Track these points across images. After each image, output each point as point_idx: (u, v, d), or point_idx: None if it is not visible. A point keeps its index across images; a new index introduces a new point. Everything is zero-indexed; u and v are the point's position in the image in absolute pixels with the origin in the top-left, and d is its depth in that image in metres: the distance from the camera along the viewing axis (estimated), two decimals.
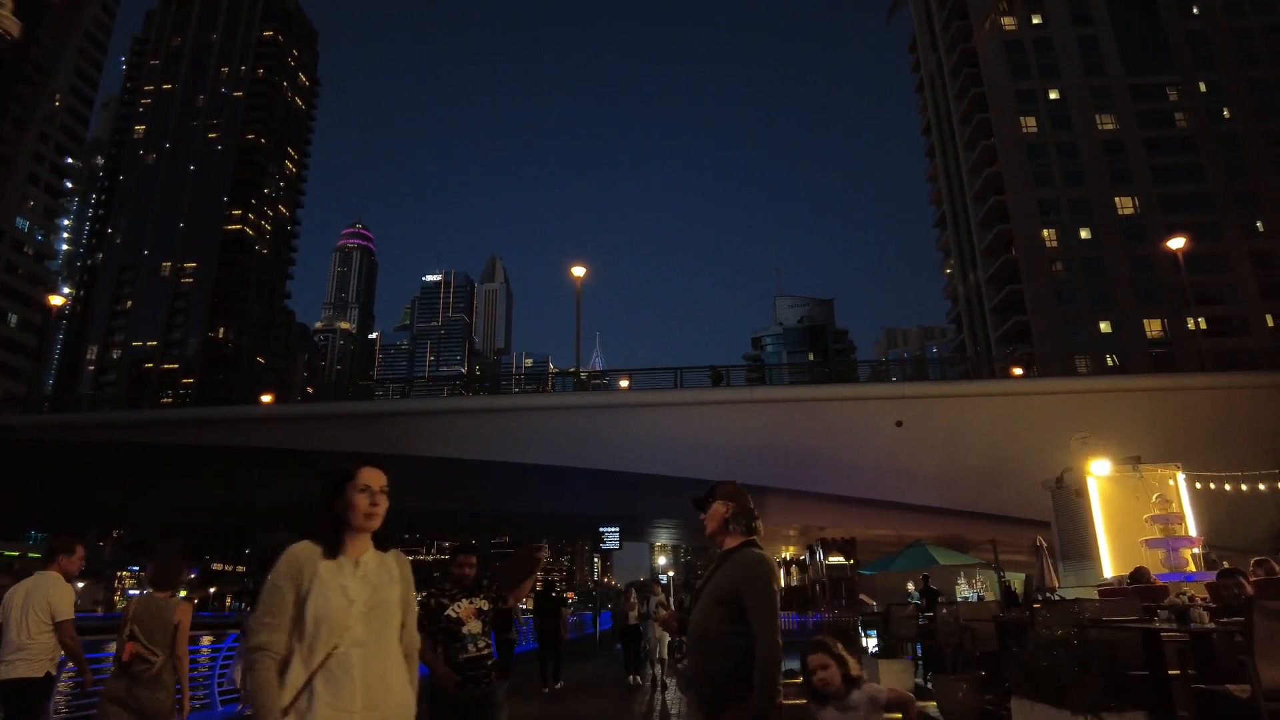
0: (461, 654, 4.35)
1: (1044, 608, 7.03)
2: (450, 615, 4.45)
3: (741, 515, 3.15)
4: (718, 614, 2.95)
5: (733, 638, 2.88)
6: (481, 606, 4.54)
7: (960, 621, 7.55)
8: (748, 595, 2.91)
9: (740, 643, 2.86)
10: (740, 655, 2.84)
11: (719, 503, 3.19)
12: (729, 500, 3.18)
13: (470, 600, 4.54)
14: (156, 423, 36.97)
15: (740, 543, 3.11)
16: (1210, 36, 66.86)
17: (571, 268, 33.23)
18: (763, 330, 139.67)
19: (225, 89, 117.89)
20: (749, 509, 3.18)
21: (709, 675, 2.94)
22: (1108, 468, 14.68)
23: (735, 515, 3.15)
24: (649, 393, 31.14)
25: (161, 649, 4.58)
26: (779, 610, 2.95)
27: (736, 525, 3.13)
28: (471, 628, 4.46)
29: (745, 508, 3.18)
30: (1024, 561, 23.22)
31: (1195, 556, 13.36)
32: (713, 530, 3.20)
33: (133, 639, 4.55)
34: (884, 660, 9.22)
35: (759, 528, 3.19)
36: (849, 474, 28.57)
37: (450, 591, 4.59)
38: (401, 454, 31.63)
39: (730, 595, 2.94)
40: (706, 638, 2.97)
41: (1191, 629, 4.90)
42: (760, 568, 2.99)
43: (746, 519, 3.14)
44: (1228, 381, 29.39)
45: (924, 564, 18.30)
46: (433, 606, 4.47)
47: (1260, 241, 60.46)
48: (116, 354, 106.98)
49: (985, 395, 29.53)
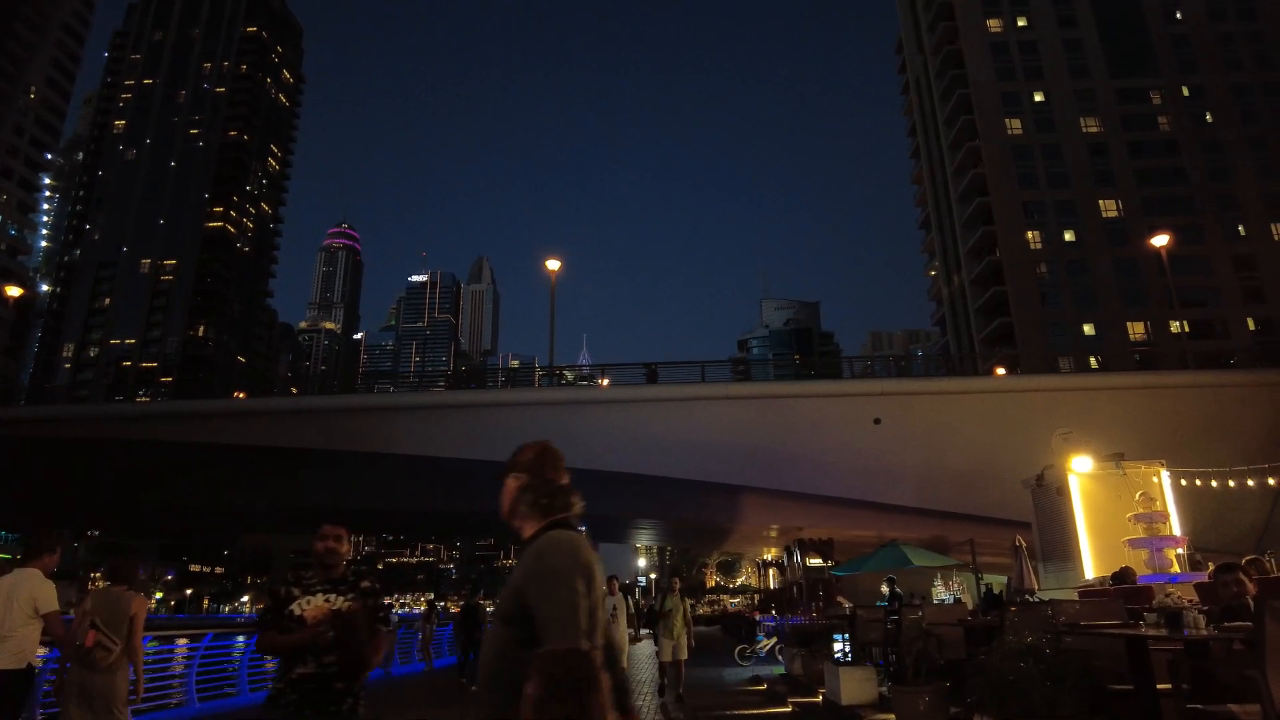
0: (298, 667, 3.29)
1: (1016, 610, 6.22)
2: (293, 613, 3.37)
3: (539, 489, 2.28)
4: (502, 639, 2.08)
5: (524, 663, 1.94)
6: (341, 608, 3.40)
7: (925, 626, 6.86)
8: (531, 596, 2.03)
9: None
10: None
11: (511, 476, 2.34)
12: (523, 471, 2.32)
13: (329, 597, 3.43)
14: (129, 416, 35.95)
15: (538, 528, 2.23)
16: (1193, 41, 67.14)
17: (546, 261, 32.49)
18: (748, 333, 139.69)
19: (207, 84, 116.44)
20: (549, 479, 2.30)
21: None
22: (1090, 465, 14.14)
23: (529, 489, 2.29)
24: (625, 388, 30.42)
25: (119, 638, 4.89)
26: (581, 607, 2.01)
27: (531, 503, 2.28)
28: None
29: (544, 478, 2.30)
30: (1005, 564, 22.70)
31: (1180, 557, 12.82)
32: (506, 513, 2.34)
33: (94, 628, 4.83)
34: (845, 668, 8.52)
35: (571, 503, 2.29)
36: (827, 473, 27.98)
37: (308, 580, 3.52)
38: (373, 451, 30.87)
39: (514, 609, 2.06)
40: (491, 678, 2.09)
41: (1185, 636, 4.05)
42: (549, 554, 2.10)
43: (546, 493, 2.27)
44: (1211, 380, 29.13)
45: (898, 565, 17.68)
46: (280, 597, 3.43)
47: (1242, 245, 60.69)
48: (94, 352, 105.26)
49: (966, 393, 29.04)
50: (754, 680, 14.78)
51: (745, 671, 16.75)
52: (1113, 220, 62.84)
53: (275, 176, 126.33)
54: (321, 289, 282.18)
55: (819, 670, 10.28)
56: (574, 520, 2.30)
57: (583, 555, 2.11)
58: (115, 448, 33.18)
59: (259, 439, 31.57)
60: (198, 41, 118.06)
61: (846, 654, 10.01)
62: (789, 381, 33.77)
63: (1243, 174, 62.28)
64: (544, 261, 32.88)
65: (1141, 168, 63.51)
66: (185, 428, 32.65)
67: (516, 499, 2.31)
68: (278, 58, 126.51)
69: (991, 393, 29.22)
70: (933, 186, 78.09)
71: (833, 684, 8.50)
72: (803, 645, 12.40)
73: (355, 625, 3.36)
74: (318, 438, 31.04)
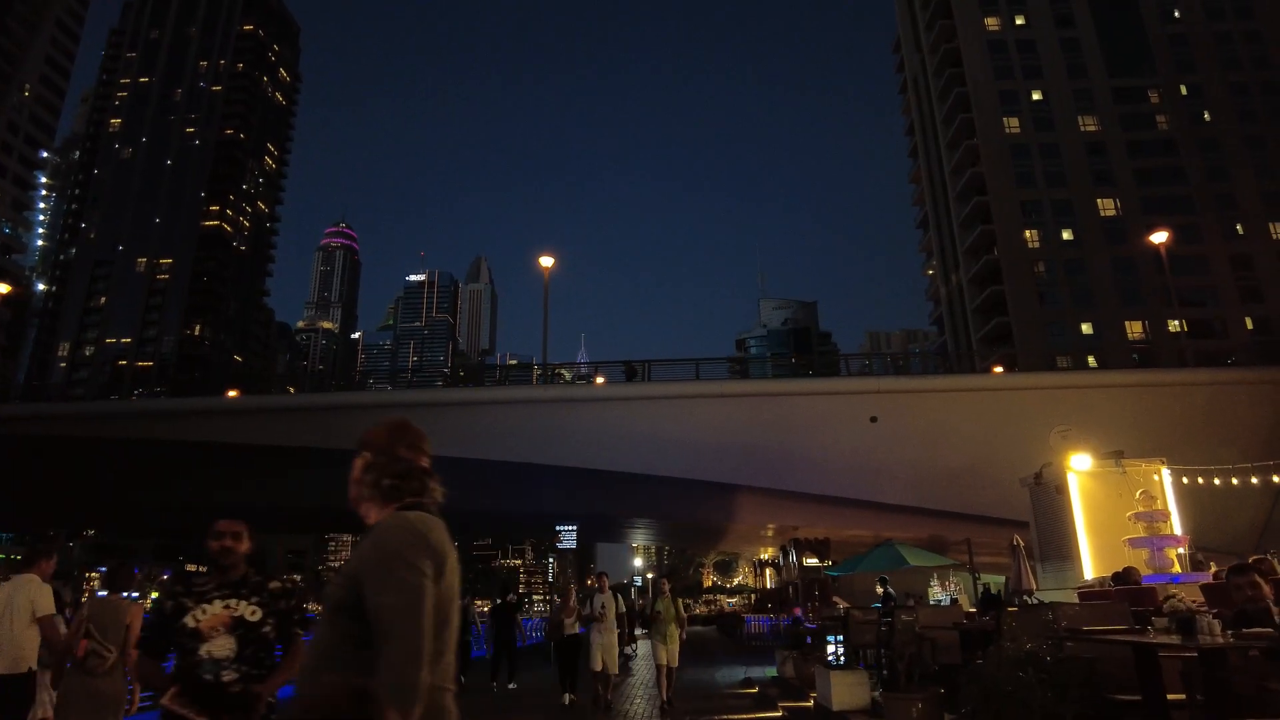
0: (200, 680, 2.89)
1: (1014, 614, 5.88)
2: (186, 627, 2.94)
3: (386, 468, 1.96)
4: (330, 635, 1.77)
5: (356, 666, 1.66)
6: (245, 615, 2.99)
7: (918, 629, 6.57)
8: (368, 581, 1.72)
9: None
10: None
11: (359, 457, 2.03)
12: (370, 449, 2.02)
13: (229, 603, 3.00)
14: (128, 414, 35.58)
15: (385, 514, 1.91)
16: (1191, 40, 67.01)
17: (541, 258, 32.19)
18: (746, 332, 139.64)
19: (204, 83, 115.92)
20: (401, 458, 1.97)
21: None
22: (1089, 463, 13.87)
23: (374, 469, 1.97)
24: (621, 385, 30.10)
25: (115, 646, 4.96)
26: (426, 593, 1.70)
27: (373, 484, 1.96)
28: (216, 648, 2.91)
29: (395, 456, 1.98)
30: (1003, 564, 22.45)
31: (1180, 557, 12.55)
32: (353, 498, 2.02)
33: (88, 636, 4.92)
34: (837, 671, 8.22)
35: (426, 487, 1.97)
36: (824, 472, 27.69)
37: (201, 586, 3.07)
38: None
39: (347, 597, 1.75)
40: (309, 678, 1.77)
41: (1200, 644, 3.62)
42: (389, 533, 1.80)
43: (394, 474, 1.95)
44: (1209, 377, 28.92)
45: (894, 565, 17.37)
46: (167, 611, 3.00)
47: (1240, 244, 60.52)
48: (89, 351, 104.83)
49: (963, 390, 28.74)
50: (745, 683, 14.50)
51: (737, 673, 16.47)
52: (1111, 219, 62.70)
53: (272, 176, 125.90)
54: (319, 288, 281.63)
55: (811, 673, 9.99)
56: (431, 507, 1.95)
57: (433, 537, 1.81)
58: (113, 447, 32.85)
59: (256, 437, 31.27)
60: (194, 39, 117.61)
61: (839, 656, 9.73)
62: (785, 379, 33.48)
63: (1241, 173, 62.15)
64: (539, 259, 32.58)
65: (1139, 167, 63.38)
66: (183, 425, 32.31)
67: (360, 480, 1.99)
68: (275, 56, 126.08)
69: (989, 391, 28.95)
70: (931, 185, 77.93)
71: (824, 688, 8.22)
72: (794, 647, 12.11)
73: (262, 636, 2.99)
74: (315, 436, 30.68)
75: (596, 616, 10.58)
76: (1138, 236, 54.89)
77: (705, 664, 19.85)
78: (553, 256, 33.09)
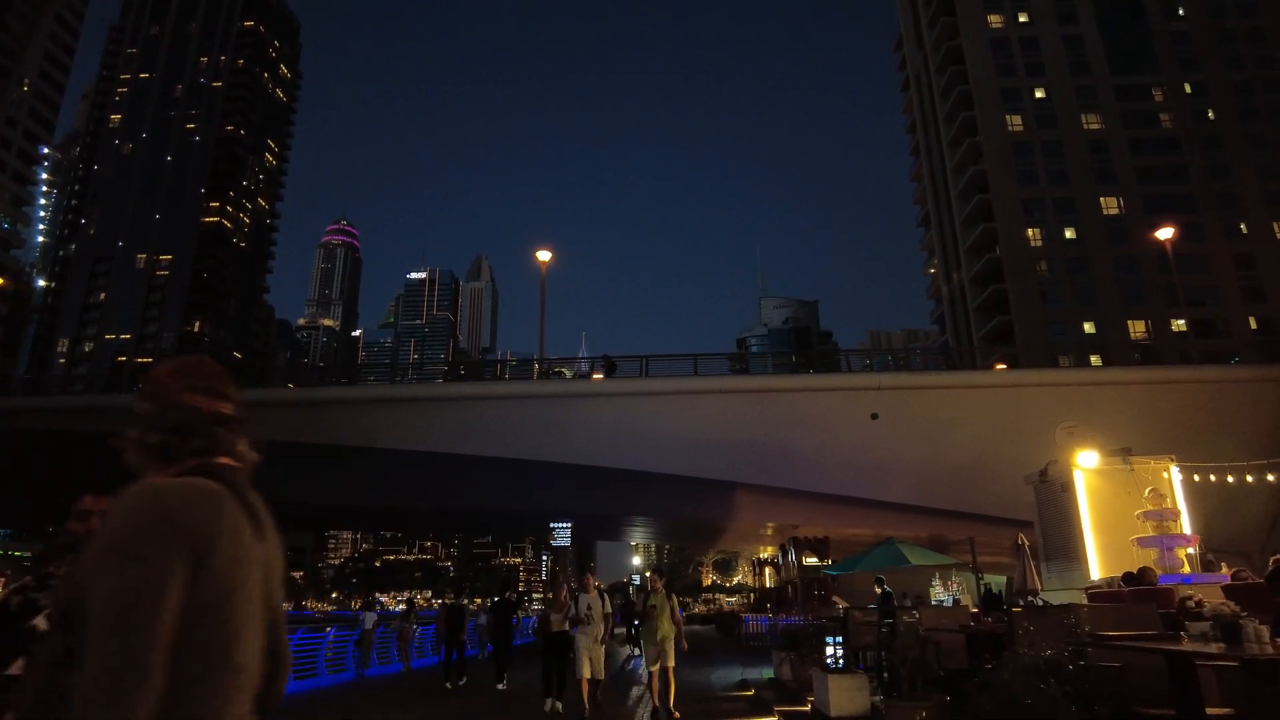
0: None
1: (1025, 615, 5.45)
2: (36, 629, 2.55)
3: (157, 422, 1.46)
4: (49, 654, 1.35)
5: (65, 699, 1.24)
6: None
7: (921, 632, 6.21)
8: (85, 577, 1.28)
9: None
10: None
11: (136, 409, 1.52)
12: (143, 399, 1.50)
13: None
14: (119, 408, 35.18)
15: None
16: (1194, 38, 66.61)
17: (538, 252, 31.87)
18: (747, 331, 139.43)
19: (204, 79, 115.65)
20: (180, 406, 1.47)
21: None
22: (1096, 460, 13.53)
23: (145, 422, 1.46)
24: (619, 381, 29.75)
25: None
26: (159, 589, 1.24)
27: (138, 443, 1.45)
28: None
29: (172, 404, 1.47)
30: (1006, 563, 22.11)
31: (1190, 557, 12.21)
32: (131, 465, 1.46)
33: None
34: (835, 675, 7.84)
35: (217, 442, 1.49)
36: (824, 469, 27.36)
37: (57, 582, 2.66)
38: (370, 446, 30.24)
39: (70, 604, 1.30)
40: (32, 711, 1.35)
41: (1249, 654, 3.20)
42: (114, 511, 1.30)
43: (166, 427, 1.45)
44: (1215, 375, 28.62)
45: (895, 564, 17.02)
46: (13, 610, 2.62)
47: (1243, 243, 60.14)
48: (89, 347, 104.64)
49: (966, 387, 28.40)
50: (741, 685, 14.16)
51: (734, 674, 16.13)
52: (1113, 218, 62.32)
53: (272, 172, 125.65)
54: (320, 286, 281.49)
55: (808, 676, 9.63)
56: (224, 470, 1.45)
57: (193, 512, 1.30)
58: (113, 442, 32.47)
59: (254, 432, 30.87)
60: (194, 36, 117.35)
61: (838, 659, 9.38)
62: (785, 375, 33.14)
63: (1244, 172, 61.76)
64: (536, 253, 32.26)
65: (1142, 165, 62.98)
66: None
67: (132, 440, 1.46)
68: (275, 53, 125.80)
69: (992, 387, 28.60)
70: (932, 184, 77.54)
71: (821, 692, 7.87)
72: (792, 648, 11.77)
73: None
74: (313, 431, 30.37)
75: (583, 619, 10.09)
76: (1140, 235, 54.56)
77: (702, 665, 19.54)
78: (551, 253, 32.77)
